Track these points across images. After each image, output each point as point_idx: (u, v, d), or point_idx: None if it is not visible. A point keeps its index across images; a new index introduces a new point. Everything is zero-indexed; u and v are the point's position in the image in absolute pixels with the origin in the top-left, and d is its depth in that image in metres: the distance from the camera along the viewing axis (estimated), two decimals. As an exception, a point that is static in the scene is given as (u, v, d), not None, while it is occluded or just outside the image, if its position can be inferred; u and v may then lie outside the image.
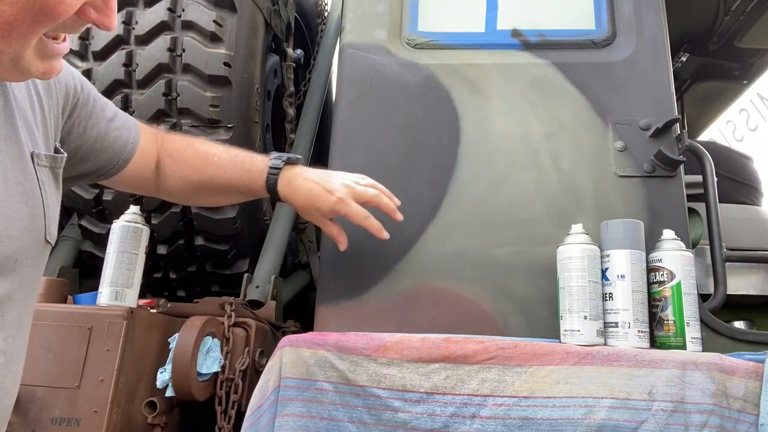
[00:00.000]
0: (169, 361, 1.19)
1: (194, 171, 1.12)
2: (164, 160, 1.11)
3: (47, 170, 0.81)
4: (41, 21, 0.62)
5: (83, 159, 0.95)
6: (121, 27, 1.58)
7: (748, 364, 1.05)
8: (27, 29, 0.62)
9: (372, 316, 1.29)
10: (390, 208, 1.19)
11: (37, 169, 0.78)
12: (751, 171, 2.31)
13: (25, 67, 0.66)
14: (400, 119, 1.44)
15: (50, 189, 0.81)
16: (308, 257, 2.07)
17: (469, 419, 1.05)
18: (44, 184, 0.79)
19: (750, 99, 4.92)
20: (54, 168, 0.83)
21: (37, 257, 0.78)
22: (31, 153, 0.77)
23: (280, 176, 1.13)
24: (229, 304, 1.31)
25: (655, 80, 1.42)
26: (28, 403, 1.11)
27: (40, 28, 0.63)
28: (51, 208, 0.80)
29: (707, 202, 1.38)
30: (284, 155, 1.16)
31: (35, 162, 0.78)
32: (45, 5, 0.61)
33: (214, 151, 1.14)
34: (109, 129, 0.98)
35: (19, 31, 0.62)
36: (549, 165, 1.38)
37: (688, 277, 1.16)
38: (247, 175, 1.14)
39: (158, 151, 1.10)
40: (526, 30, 1.52)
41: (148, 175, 1.09)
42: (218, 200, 1.27)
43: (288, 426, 1.09)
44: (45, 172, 0.80)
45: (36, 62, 0.67)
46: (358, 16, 1.56)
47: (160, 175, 1.11)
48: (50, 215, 0.80)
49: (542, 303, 1.26)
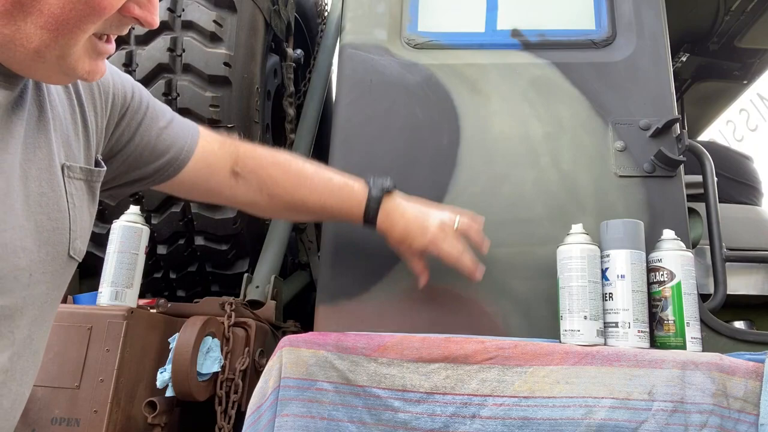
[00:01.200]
0: (169, 361, 1.19)
1: (285, 192, 1.09)
2: (247, 174, 1.07)
3: (81, 183, 0.78)
4: (88, 16, 0.62)
5: (131, 167, 0.93)
6: (121, 27, 1.58)
7: (748, 364, 1.05)
8: (74, 25, 0.62)
9: (372, 316, 1.29)
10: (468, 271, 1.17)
11: (67, 181, 0.75)
12: (751, 171, 2.31)
13: (71, 65, 0.66)
14: (400, 119, 1.44)
15: (81, 202, 0.78)
16: (308, 257, 2.07)
17: (469, 419, 1.05)
18: (73, 197, 0.76)
19: (750, 99, 4.92)
20: (89, 181, 0.80)
21: (57, 273, 0.74)
22: (62, 165, 0.75)
23: (380, 209, 1.12)
24: (229, 304, 1.31)
25: (655, 80, 1.42)
26: (28, 403, 1.09)
27: (88, 24, 0.63)
28: (79, 223, 0.77)
29: (707, 202, 1.38)
30: (381, 183, 1.14)
31: (65, 174, 0.75)
32: None
33: (307, 173, 1.12)
34: (161, 137, 0.95)
35: (67, 26, 0.62)
36: (549, 165, 1.38)
37: (688, 277, 1.16)
38: (344, 204, 1.13)
39: (233, 161, 1.06)
40: (526, 30, 1.52)
41: (214, 183, 1.05)
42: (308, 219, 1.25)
43: (288, 426, 1.09)
44: (77, 185, 0.77)
45: (83, 61, 0.67)
46: (358, 16, 1.56)
47: (240, 187, 1.07)
48: (77, 229, 0.77)
49: (542, 303, 1.26)
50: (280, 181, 1.09)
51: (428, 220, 1.14)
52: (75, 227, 0.76)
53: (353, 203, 1.13)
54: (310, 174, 1.12)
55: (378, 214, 1.13)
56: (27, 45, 0.62)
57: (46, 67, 0.65)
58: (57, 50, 0.63)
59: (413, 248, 1.15)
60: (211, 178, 1.04)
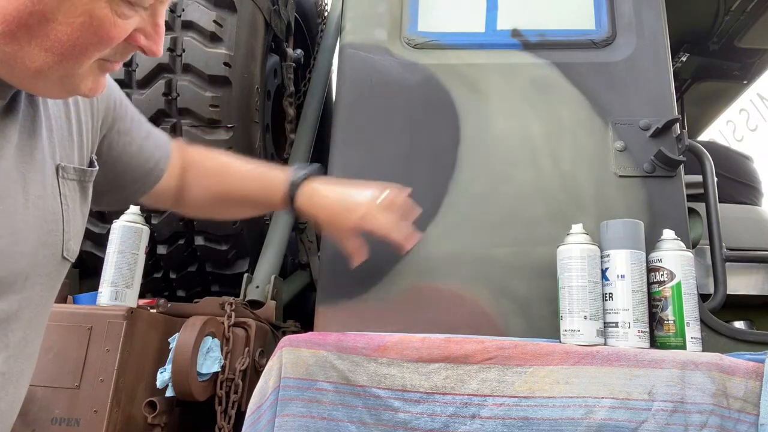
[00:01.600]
0: (169, 361, 1.19)
1: (215, 182, 1.10)
2: (185, 173, 1.08)
3: (74, 183, 0.78)
4: (95, 45, 0.63)
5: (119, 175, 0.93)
6: (121, 27, 1.58)
7: (748, 364, 1.05)
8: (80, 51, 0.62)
9: (372, 316, 1.29)
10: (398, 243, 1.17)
11: (61, 182, 0.75)
12: (751, 171, 2.31)
13: (74, 84, 0.66)
14: (400, 119, 1.44)
15: (74, 203, 0.78)
16: (308, 257, 2.07)
17: (469, 419, 1.05)
18: (66, 198, 0.76)
19: (750, 99, 4.92)
20: (82, 181, 0.80)
21: (52, 275, 0.74)
22: (57, 165, 0.74)
23: (299, 190, 1.11)
24: (229, 304, 1.31)
25: (655, 80, 1.42)
26: (28, 403, 1.11)
27: (95, 52, 0.64)
28: (72, 223, 0.77)
29: (707, 202, 1.38)
30: (306, 168, 1.14)
31: (60, 175, 0.75)
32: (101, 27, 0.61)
33: (235, 164, 1.13)
34: (144, 147, 0.95)
35: (72, 52, 0.62)
36: (549, 165, 1.38)
37: (688, 277, 1.16)
38: (267, 186, 1.13)
39: (180, 166, 1.07)
40: (526, 30, 1.51)
41: (171, 191, 1.06)
42: (236, 212, 1.24)
43: (288, 426, 1.09)
44: (71, 186, 0.77)
45: (86, 80, 0.67)
46: (358, 16, 1.56)
47: (181, 188, 1.08)
48: (70, 230, 0.76)
49: (542, 303, 1.26)
50: (211, 171, 1.10)
51: (355, 199, 1.14)
52: (68, 228, 0.76)
53: (275, 186, 1.12)
54: (238, 164, 1.13)
55: (297, 195, 1.11)
56: (29, 64, 0.61)
57: (46, 85, 0.65)
58: (61, 71, 0.63)
59: (345, 227, 1.14)
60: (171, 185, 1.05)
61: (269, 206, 1.17)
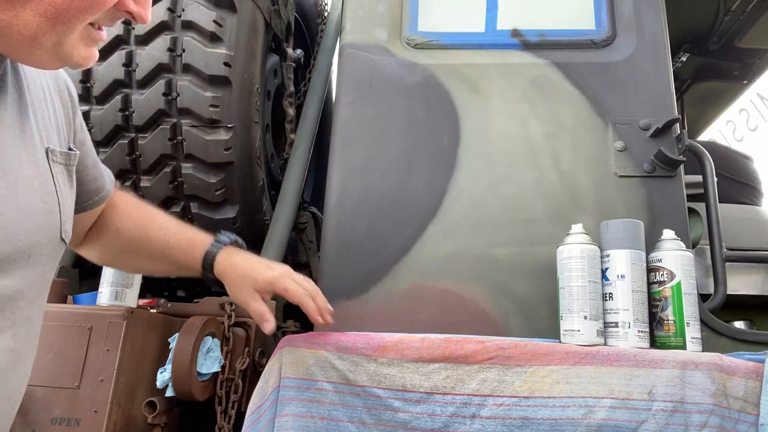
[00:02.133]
0: (169, 361, 1.19)
1: (133, 225, 1.03)
2: (110, 209, 1.02)
3: (62, 167, 0.79)
4: (88, 8, 0.64)
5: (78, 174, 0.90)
6: (121, 27, 1.58)
7: (748, 364, 1.05)
8: (73, 15, 0.63)
9: (372, 316, 1.29)
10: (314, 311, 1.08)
11: (52, 165, 0.76)
12: (751, 171, 2.31)
13: (67, 52, 0.67)
14: (400, 119, 1.44)
15: (65, 186, 0.79)
16: (308, 257, 2.07)
17: (469, 419, 1.05)
18: (59, 181, 0.77)
19: (750, 99, 4.91)
20: (68, 165, 0.81)
21: (51, 255, 0.75)
22: (46, 149, 0.76)
23: (222, 249, 1.06)
24: (229, 304, 1.31)
25: (655, 80, 1.42)
26: (28, 403, 1.11)
27: (87, 15, 0.65)
28: (66, 205, 0.78)
29: (707, 202, 1.38)
30: (230, 237, 1.10)
31: (50, 158, 0.76)
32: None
33: (162, 216, 1.07)
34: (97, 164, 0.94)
35: (66, 15, 0.63)
36: (549, 165, 1.38)
37: (688, 277, 1.16)
38: (187, 242, 1.06)
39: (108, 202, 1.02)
40: (526, 30, 1.52)
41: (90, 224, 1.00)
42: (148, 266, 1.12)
43: (288, 426, 1.09)
44: (59, 169, 0.78)
45: (78, 48, 0.68)
46: (358, 16, 1.56)
47: (100, 225, 1.01)
48: (65, 212, 0.78)
49: (542, 303, 1.26)
50: (134, 215, 1.04)
51: (272, 264, 1.10)
52: (64, 209, 0.77)
53: (197, 243, 1.07)
54: (165, 217, 1.07)
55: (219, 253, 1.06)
56: (24, 32, 0.62)
57: (41, 53, 0.66)
58: (54, 37, 0.64)
59: (258, 283, 1.05)
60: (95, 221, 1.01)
61: (185, 263, 1.07)
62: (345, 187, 1.40)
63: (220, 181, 1.58)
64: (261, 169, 1.78)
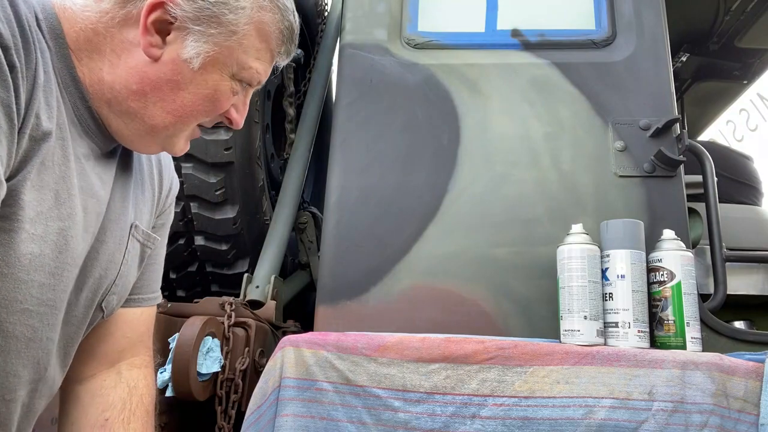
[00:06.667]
0: (169, 361, 1.19)
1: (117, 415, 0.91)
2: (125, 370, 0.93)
3: (138, 245, 0.82)
4: (208, 112, 0.72)
5: None
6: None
7: (748, 364, 1.04)
8: (194, 116, 0.71)
9: (372, 316, 1.29)
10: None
11: (130, 239, 0.79)
12: (751, 171, 2.30)
13: (173, 144, 0.74)
14: (400, 119, 1.44)
15: (133, 262, 0.81)
16: (308, 257, 2.07)
17: (469, 419, 1.05)
18: (129, 255, 0.79)
19: (750, 99, 4.91)
20: (145, 245, 0.84)
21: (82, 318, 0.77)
22: (132, 223, 0.79)
23: None
24: (229, 304, 1.31)
25: (655, 80, 1.42)
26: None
27: (203, 117, 0.73)
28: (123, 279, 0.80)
29: (707, 202, 1.38)
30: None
31: (131, 231, 0.79)
32: (218, 100, 0.71)
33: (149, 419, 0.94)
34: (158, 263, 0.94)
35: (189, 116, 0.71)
36: (549, 165, 1.38)
37: (688, 277, 1.16)
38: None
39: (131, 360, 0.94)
40: (526, 30, 1.51)
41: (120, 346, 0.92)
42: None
43: (288, 426, 1.09)
44: (135, 246, 0.81)
45: (182, 142, 0.76)
46: (358, 16, 1.56)
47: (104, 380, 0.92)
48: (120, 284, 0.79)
49: (542, 303, 1.26)
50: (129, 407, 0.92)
51: None
52: (119, 282, 0.79)
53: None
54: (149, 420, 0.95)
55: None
56: (147, 121, 0.69)
57: (151, 141, 0.73)
58: (170, 131, 0.71)
59: None
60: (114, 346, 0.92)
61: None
62: (345, 187, 1.40)
63: (220, 181, 1.58)
64: (261, 169, 1.78)
